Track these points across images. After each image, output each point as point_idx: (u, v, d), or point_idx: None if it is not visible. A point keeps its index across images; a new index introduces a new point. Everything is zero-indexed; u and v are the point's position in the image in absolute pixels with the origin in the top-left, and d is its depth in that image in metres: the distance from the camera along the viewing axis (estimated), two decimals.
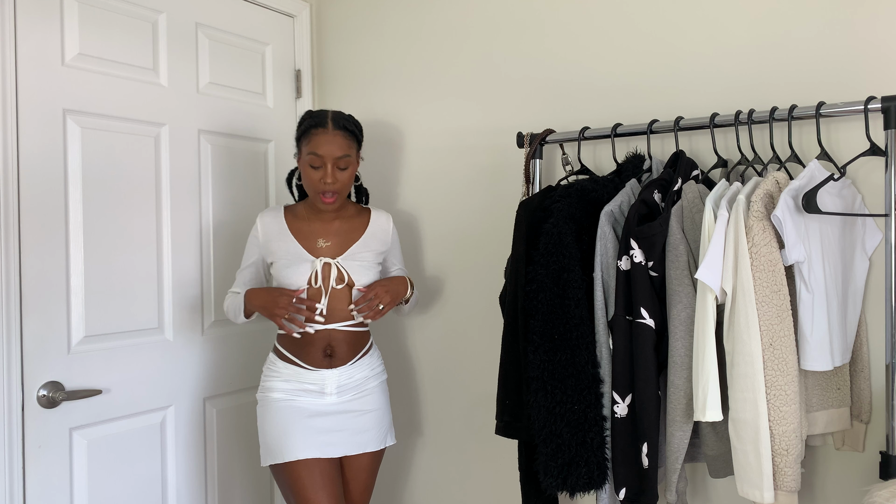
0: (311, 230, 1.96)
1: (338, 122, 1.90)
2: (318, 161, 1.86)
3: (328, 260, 1.91)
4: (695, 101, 1.84)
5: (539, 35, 2.09)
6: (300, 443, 1.85)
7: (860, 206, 1.62)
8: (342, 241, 1.96)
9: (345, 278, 1.91)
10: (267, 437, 1.90)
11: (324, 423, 1.89)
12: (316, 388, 1.90)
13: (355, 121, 1.96)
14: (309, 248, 1.93)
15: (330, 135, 1.87)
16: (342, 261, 1.92)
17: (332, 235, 1.96)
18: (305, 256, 1.92)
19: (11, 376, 1.72)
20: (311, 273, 1.89)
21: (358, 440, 1.93)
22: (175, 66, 2.12)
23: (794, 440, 1.43)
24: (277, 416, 1.89)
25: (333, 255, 1.93)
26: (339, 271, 1.91)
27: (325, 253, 1.93)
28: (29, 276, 1.76)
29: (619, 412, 1.58)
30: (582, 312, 1.62)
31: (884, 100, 1.50)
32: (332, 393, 1.91)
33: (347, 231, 1.98)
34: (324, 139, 1.86)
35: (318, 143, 1.86)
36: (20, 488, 1.74)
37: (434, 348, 2.33)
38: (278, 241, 1.95)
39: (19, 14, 1.76)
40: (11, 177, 1.73)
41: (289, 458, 1.85)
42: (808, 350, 1.47)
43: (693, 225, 1.57)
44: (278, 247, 1.94)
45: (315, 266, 1.90)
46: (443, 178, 2.29)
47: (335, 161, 1.87)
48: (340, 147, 1.87)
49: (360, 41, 2.46)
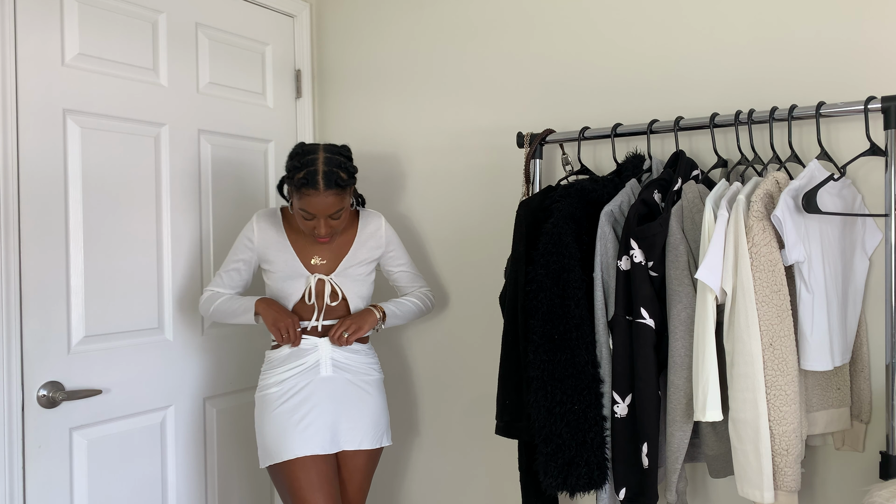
0: (305, 243, 1.97)
1: (329, 181, 1.79)
2: (310, 216, 1.85)
3: (322, 277, 1.93)
4: (695, 101, 1.84)
5: (539, 35, 2.09)
6: (297, 441, 1.86)
7: (860, 206, 1.62)
8: (335, 255, 1.98)
9: (339, 296, 1.94)
10: (265, 438, 1.91)
11: (320, 415, 1.90)
12: (311, 361, 1.91)
13: (348, 165, 1.86)
14: (304, 262, 1.95)
15: (322, 196, 1.80)
16: (336, 278, 1.95)
17: (325, 251, 1.97)
18: (301, 271, 1.94)
19: (11, 376, 1.72)
20: (306, 290, 1.92)
21: (354, 436, 1.94)
22: (175, 66, 2.12)
23: (794, 440, 1.43)
24: (274, 416, 1.89)
25: (327, 272, 1.96)
26: (332, 288, 1.93)
27: (319, 269, 1.95)
28: (29, 276, 1.76)
29: (619, 412, 1.58)
30: (582, 312, 1.62)
31: (884, 100, 1.50)
32: (327, 367, 1.92)
33: (339, 243, 1.99)
34: (315, 201, 1.80)
35: (308, 203, 1.81)
36: (20, 488, 1.74)
37: (434, 348, 2.33)
38: (276, 250, 1.96)
39: (19, 14, 1.76)
40: (11, 177, 1.73)
41: (286, 457, 1.85)
42: (808, 350, 1.47)
43: (693, 225, 1.57)
44: (276, 257, 1.95)
45: (309, 282, 1.92)
46: (443, 177, 2.29)
47: (328, 216, 1.85)
48: (333, 205, 1.82)
49: (360, 41, 2.46)
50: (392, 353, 2.42)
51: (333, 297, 1.93)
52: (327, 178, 1.79)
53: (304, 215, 1.85)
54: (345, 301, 1.96)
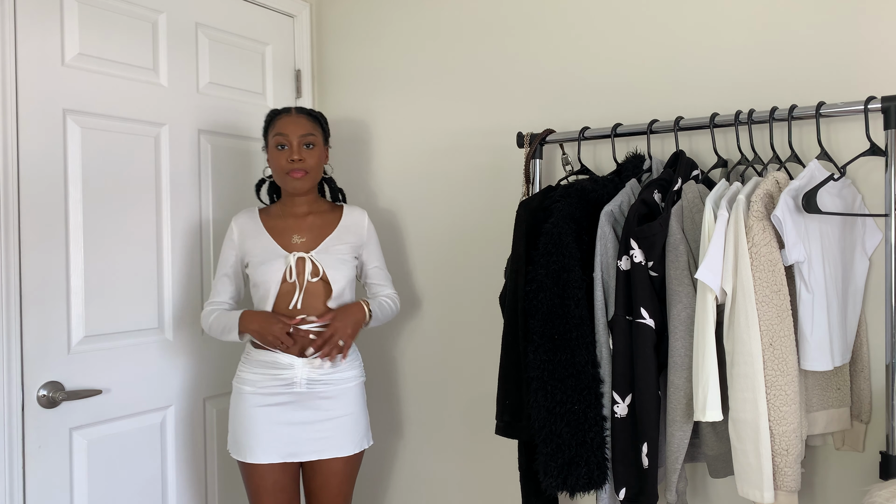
0: (285, 226, 1.98)
1: (301, 109, 2.00)
2: (284, 140, 1.92)
3: (302, 254, 1.92)
4: (695, 101, 1.84)
5: (539, 35, 2.09)
6: (262, 447, 1.87)
7: (860, 206, 1.62)
8: (315, 236, 1.97)
9: (319, 272, 1.91)
10: (235, 430, 1.93)
11: (291, 425, 1.89)
12: (287, 376, 1.89)
13: (321, 112, 2.06)
14: (283, 245, 1.95)
15: (294, 116, 1.96)
16: (316, 255, 1.93)
17: (305, 231, 1.97)
18: (279, 252, 1.93)
19: (11, 376, 1.72)
20: (286, 268, 1.90)
21: (326, 445, 1.91)
22: (175, 66, 2.12)
23: (794, 440, 1.43)
24: (245, 414, 1.90)
25: (307, 250, 1.95)
26: (313, 265, 1.92)
27: (298, 248, 1.95)
28: (29, 276, 1.76)
29: (619, 412, 1.58)
30: (582, 312, 1.62)
31: (884, 100, 1.50)
32: (302, 384, 1.90)
33: (321, 226, 1.99)
34: (288, 120, 1.95)
35: (282, 125, 1.94)
36: (20, 488, 1.74)
37: (434, 348, 2.33)
38: (254, 239, 1.97)
39: (19, 14, 1.76)
40: (11, 177, 1.73)
41: (249, 459, 1.89)
42: (808, 350, 1.47)
43: (693, 225, 1.57)
44: (254, 245, 1.96)
45: (289, 261, 1.91)
46: (443, 178, 2.29)
47: (300, 139, 1.92)
48: (304, 126, 1.94)
49: (360, 41, 2.46)
50: (391, 354, 2.42)
51: (314, 274, 1.91)
52: (299, 108, 2.01)
53: (278, 140, 1.93)
54: (326, 283, 1.92)
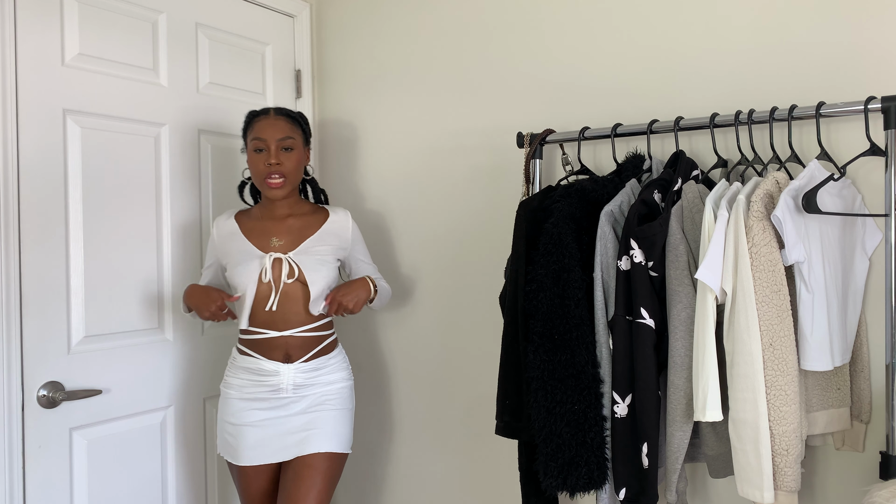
0: (263, 229, 1.95)
1: (279, 110, 1.96)
2: (262, 144, 1.89)
3: (279, 255, 1.89)
4: (695, 101, 1.84)
5: (539, 35, 2.09)
6: (247, 450, 1.89)
7: (860, 206, 1.62)
8: (295, 238, 1.95)
9: (295, 273, 1.88)
10: (222, 431, 1.95)
11: (277, 428, 1.89)
12: (273, 382, 1.89)
13: (300, 113, 2.02)
14: (261, 247, 1.93)
15: (272, 119, 1.92)
16: (294, 255, 1.90)
17: (284, 234, 1.95)
18: (255, 253, 1.91)
19: (11, 376, 1.72)
20: (261, 270, 1.87)
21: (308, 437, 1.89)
22: (175, 66, 2.12)
23: (794, 440, 1.43)
24: (231, 417, 1.92)
25: (285, 251, 1.92)
26: (290, 267, 1.89)
27: (276, 250, 1.92)
28: (29, 276, 1.77)
29: (619, 412, 1.58)
30: (582, 312, 1.62)
31: (884, 100, 1.50)
32: (288, 390, 1.89)
33: (301, 228, 1.97)
34: (266, 123, 1.92)
35: (260, 128, 1.91)
36: (20, 488, 1.74)
37: (434, 349, 2.33)
38: (230, 241, 1.95)
39: (19, 14, 1.76)
40: (11, 177, 1.73)
41: (233, 461, 1.93)
42: (808, 350, 1.47)
43: (693, 225, 1.57)
44: (230, 248, 1.95)
45: (264, 262, 1.88)
46: (443, 178, 2.29)
47: (278, 143, 1.89)
48: (282, 130, 1.91)
49: (360, 41, 2.46)
50: (391, 354, 2.42)
51: (290, 275, 1.88)
52: (277, 109, 1.97)
53: (256, 145, 1.90)
54: (303, 284, 1.89)
